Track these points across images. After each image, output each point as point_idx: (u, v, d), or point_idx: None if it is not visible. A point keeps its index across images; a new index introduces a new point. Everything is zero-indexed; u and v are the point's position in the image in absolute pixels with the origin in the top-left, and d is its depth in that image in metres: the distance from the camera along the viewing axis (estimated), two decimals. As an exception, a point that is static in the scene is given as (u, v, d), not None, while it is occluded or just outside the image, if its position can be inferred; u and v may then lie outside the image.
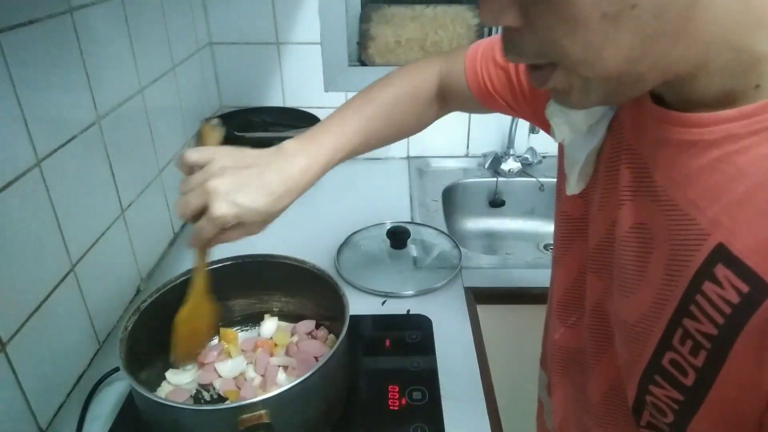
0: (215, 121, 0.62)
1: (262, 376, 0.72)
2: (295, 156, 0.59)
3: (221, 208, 0.53)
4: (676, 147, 0.38)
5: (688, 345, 0.37)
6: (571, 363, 0.61)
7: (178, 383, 0.72)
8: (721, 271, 0.34)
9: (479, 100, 0.66)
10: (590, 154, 0.50)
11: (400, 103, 0.68)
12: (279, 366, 0.73)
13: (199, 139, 0.61)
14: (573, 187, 0.53)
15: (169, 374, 0.73)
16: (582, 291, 0.56)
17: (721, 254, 0.34)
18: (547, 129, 0.60)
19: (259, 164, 0.56)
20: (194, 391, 0.72)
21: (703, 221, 0.36)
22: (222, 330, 0.79)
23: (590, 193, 0.53)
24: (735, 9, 0.32)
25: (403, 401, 0.72)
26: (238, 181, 0.54)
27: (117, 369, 0.75)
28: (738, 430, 0.36)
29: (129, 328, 0.65)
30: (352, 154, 0.64)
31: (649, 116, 0.41)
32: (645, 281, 0.42)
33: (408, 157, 1.46)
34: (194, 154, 0.56)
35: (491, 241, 1.41)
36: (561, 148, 0.57)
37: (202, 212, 0.54)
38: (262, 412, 0.55)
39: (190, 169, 0.56)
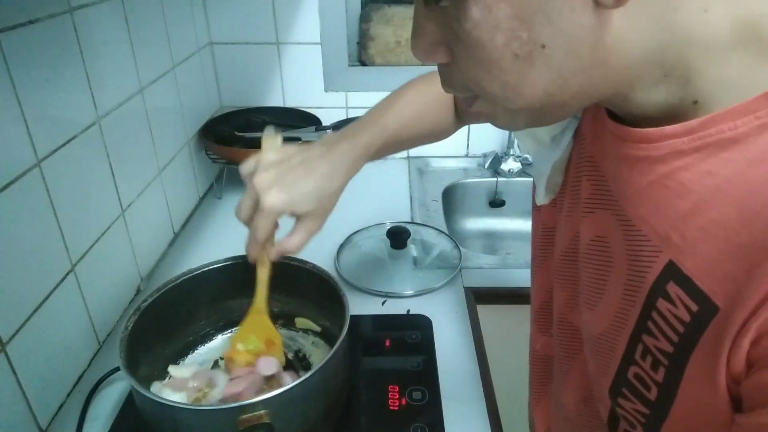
0: (273, 130, 0.63)
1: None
2: (335, 141, 0.59)
3: (270, 197, 0.53)
4: (627, 162, 0.38)
5: (649, 360, 0.37)
6: (550, 373, 0.62)
7: (180, 376, 0.72)
8: (673, 288, 0.34)
9: (463, 114, 0.68)
10: (557, 164, 0.50)
11: (427, 103, 0.70)
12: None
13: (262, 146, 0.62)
14: (541, 198, 0.54)
15: (172, 369, 0.73)
16: (553, 301, 0.57)
17: (672, 272, 0.34)
18: None
19: (301, 152, 0.57)
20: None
21: (654, 238, 0.36)
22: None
23: (558, 203, 0.53)
24: (655, 30, 0.32)
25: (403, 401, 0.72)
26: (282, 170, 0.55)
27: (117, 369, 0.74)
28: None
29: (129, 328, 0.65)
30: (389, 145, 0.65)
31: (606, 130, 0.41)
32: (606, 295, 0.42)
33: (408, 157, 1.46)
34: (246, 165, 0.58)
35: (491, 241, 1.41)
36: None
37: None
38: (262, 412, 0.55)
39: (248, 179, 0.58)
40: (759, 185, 0.31)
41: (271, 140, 0.61)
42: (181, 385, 0.69)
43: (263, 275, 0.63)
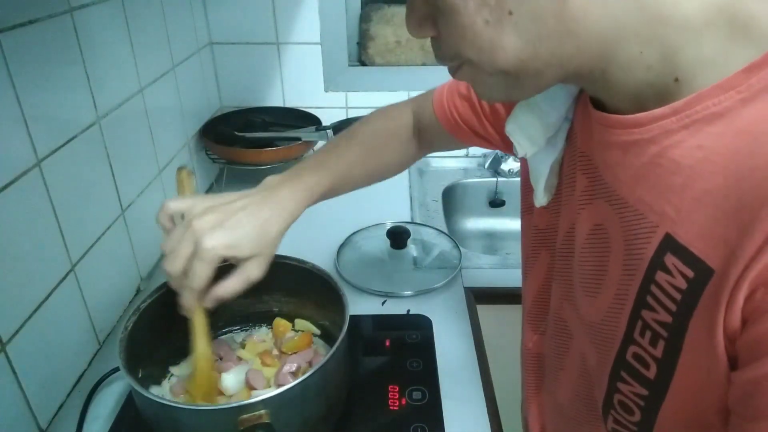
0: (189, 168, 0.61)
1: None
2: (277, 185, 0.59)
3: (211, 239, 0.51)
4: (620, 148, 0.40)
5: (648, 336, 0.39)
6: (543, 370, 0.63)
7: (183, 375, 0.72)
8: (670, 259, 0.36)
9: (448, 130, 0.69)
10: (553, 165, 0.52)
11: (380, 138, 0.71)
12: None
13: (177, 188, 0.60)
14: (540, 199, 0.54)
15: (173, 369, 0.74)
16: (548, 299, 0.58)
17: (669, 244, 0.36)
18: (512, 152, 0.62)
19: (241, 198, 0.56)
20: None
21: (650, 215, 0.38)
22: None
23: (554, 204, 0.55)
24: (624, 7, 0.34)
25: (403, 401, 0.72)
26: (223, 214, 0.53)
27: (117, 369, 0.74)
28: (701, 424, 0.37)
29: (129, 328, 0.65)
30: (336, 186, 0.65)
31: (594, 122, 0.43)
32: (606, 281, 0.43)
33: (408, 157, 1.46)
34: (173, 203, 0.55)
35: (491, 241, 1.41)
36: (524, 164, 0.59)
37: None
38: (262, 412, 0.55)
39: (171, 221, 0.56)
40: (744, 154, 0.32)
41: (189, 180, 0.60)
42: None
43: (201, 323, 0.59)
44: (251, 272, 0.55)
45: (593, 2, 0.33)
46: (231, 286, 0.55)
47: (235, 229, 0.53)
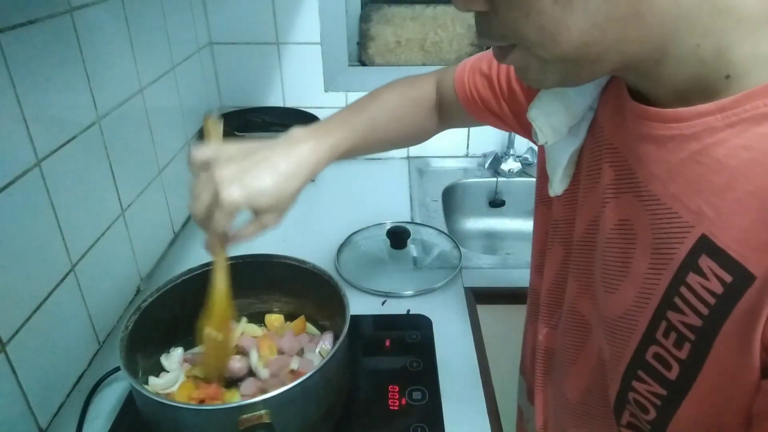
0: (216, 115, 0.62)
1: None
2: (300, 139, 0.58)
3: (231, 193, 0.52)
4: (656, 142, 0.39)
5: (672, 338, 0.38)
6: (552, 364, 0.62)
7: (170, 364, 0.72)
8: (705, 261, 0.35)
9: (465, 108, 0.68)
10: (572, 155, 0.51)
11: (404, 105, 0.69)
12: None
13: (203, 135, 0.61)
14: (556, 188, 0.54)
15: (163, 359, 0.73)
16: (562, 291, 0.57)
17: (705, 245, 0.35)
18: (529, 135, 0.61)
19: (265, 148, 0.56)
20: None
21: (685, 214, 0.37)
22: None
23: (570, 195, 0.54)
24: None
25: (403, 401, 0.72)
26: (246, 166, 0.54)
27: (117, 369, 0.75)
28: (719, 427, 0.37)
29: (129, 328, 0.65)
30: (359, 146, 0.64)
31: (628, 113, 0.42)
32: (629, 277, 0.42)
33: (408, 157, 1.46)
34: (201, 152, 0.56)
35: (491, 241, 1.41)
36: (541, 152, 0.58)
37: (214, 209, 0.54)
38: (262, 412, 0.55)
39: (201, 168, 0.56)
40: None
41: (216, 128, 0.60)
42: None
43: (221, 261, 0.63)
44: (268, 221, 0.57)
45: None
46: (248, 231, 0.57)
47: (255, 183, 0.53)
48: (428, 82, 0.71)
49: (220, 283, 0.63)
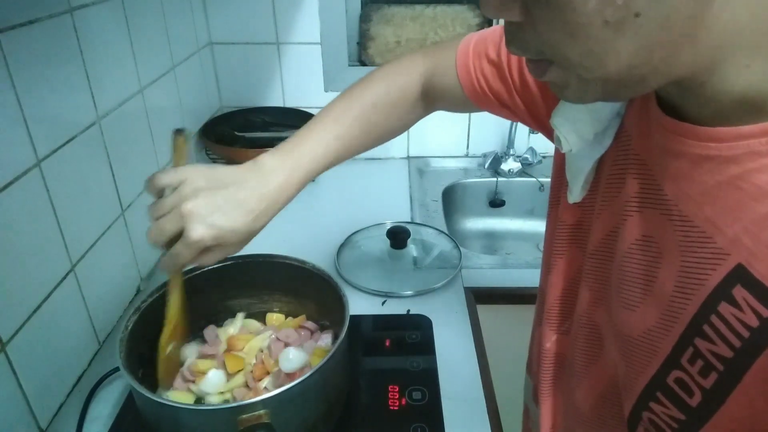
0: (187, 132, 0.60)
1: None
2: (272, 172, 0.57)
3: (199, 232, 0.51)
4: (690, 160, 0.36)
5: (698, 365, 0.36)
6: (561, 371, 0.61)
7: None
8: (740, 292, 0.33)
9: (473, 99, 0.64)
10: (596, 162, 0.49)
11: (381, 108, 0.66)
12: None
13: (173, 151, 0.59)
14: (576, 195, 0.52)
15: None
16: (575, 298, 0.56)
17: (741, 275, 0.33)
18: (543, 130, 0.59)
19: (234, 183, 0.55)
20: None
21: (721, 240, 0.35)
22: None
23: (587, 201, 0.52)
24: (746, 14, 0.30)
25: (403, 401, 0.72)
26: (214, 202, 0.53)
27: (117, 369, 0.74)
28: None
29: (129, 328, 0.65)
30: (333, 163, 0.63)
31: (655, 125, 0.40)
32: (651, 296, 0.41)
33: (408, 157, 1.46)
34: (165, 177, 0.54)
35: (491, 241, 1.41)
36: (557, 155, 0.56)
37: (177, 237, 0.53)
38: (262, 412, 0.55)
39: (160, 192, 0.54)
40: None
41: (185, 146, 0.59)
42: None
43: (177, 281, 0.64)
44: (229, 252, 0.56)
45: (727, 8, 0.30)
46: (208, 259, 0.56)
47: (225, 223, 0.53)
48: (414, 71, 0.67)
49: (175, 301, 0.64)
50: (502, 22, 0.37)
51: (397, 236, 1.01)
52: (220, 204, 0.53)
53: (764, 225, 0.32)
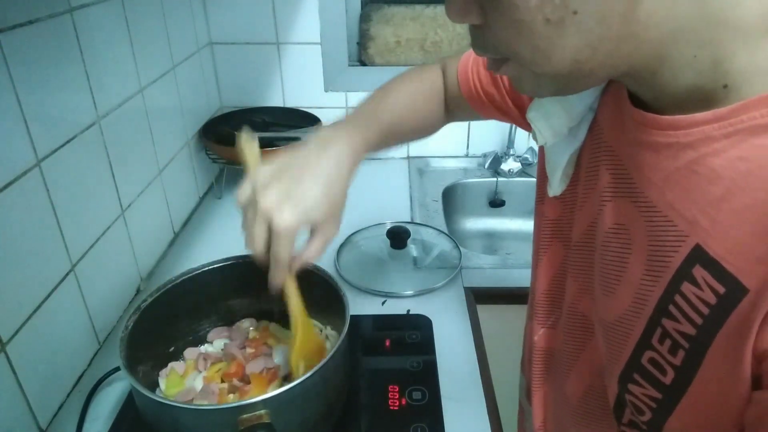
0: (247, 133, 0.59)
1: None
2: (332, 139, 0.58)
3: (284, 218, 0.51)
4: (653, 149, 0.38)
5: (667, 344, 0.38)
6: (550, 364, 0.62)
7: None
8: (699, 272, 0.35)
9: (468, 101, 0.67)
10: (572, 155, 0.51)
11: (419, 98, 0.69)
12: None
13: (241, 155, 0.59)
14: (556, 189, 0.53)
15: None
16: (561, 292, 0.57)
17: (699, 256, 0.35)
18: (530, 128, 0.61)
19: (296, 161, 0.55)
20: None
21: (680, 223, 0.37)
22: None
23: (569, 194, 0.54)
24: (688, 9, 0.32)
25: (403, 401, 0.72)
26: (283, 187, 0.53)
27: (117, 369, 0.75)
28: (713, 429, 0.37)
29: (129, 328, 0.65)
30: (386, 139, 0.64)
31: (627, 118, 0.42)
32: (624, 281, 0.42)
33: (408, 157, 1.46)
34: (242, 191, 0.54)
35: (491, 241, 1.41)
36: (542, 151, 0.58)
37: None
38: (262, 412, 0.55)
39: (249, 206, 0.55)
40: None
41: (251, 144, 0.58)
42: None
43: (293, 290, 0.61)
44: (328, 233, 0.56)
45: (661, 3, 0.32)
46: (314, 250, 0.56)
47: (303, 199, 0.53)
48: (435, 72, 0.71)
49: (297, 311, 0.62)
50: None
51: (397, 236, 1.01)
52: (288, 186, 0.53)
53: (719, 206, 0.34)
